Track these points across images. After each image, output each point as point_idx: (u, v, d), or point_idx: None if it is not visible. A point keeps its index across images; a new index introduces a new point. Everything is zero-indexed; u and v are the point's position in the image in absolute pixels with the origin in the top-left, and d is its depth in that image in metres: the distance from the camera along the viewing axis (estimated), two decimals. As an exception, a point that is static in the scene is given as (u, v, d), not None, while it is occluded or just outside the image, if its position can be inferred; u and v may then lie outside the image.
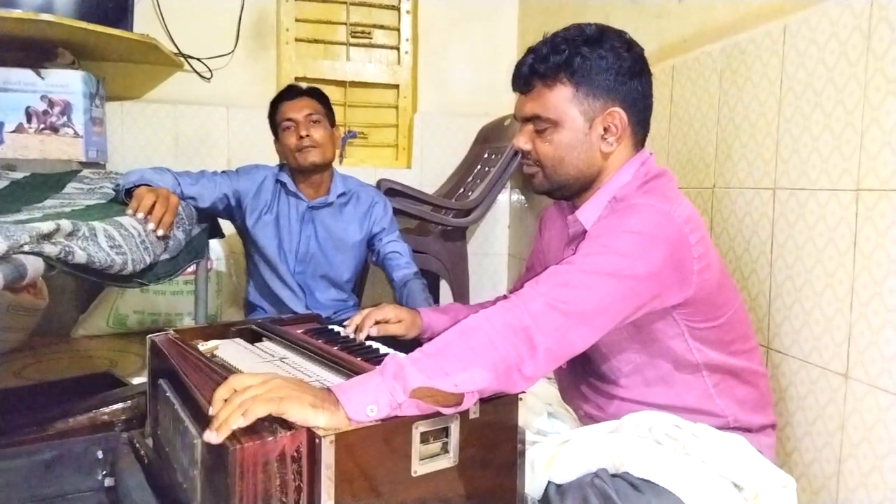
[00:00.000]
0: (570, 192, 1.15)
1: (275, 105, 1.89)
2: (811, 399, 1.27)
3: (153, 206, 1.37)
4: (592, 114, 1.08)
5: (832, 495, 1.22)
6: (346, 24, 2.89)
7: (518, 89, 1.14)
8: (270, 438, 0.75)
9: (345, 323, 1.30)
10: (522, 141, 1.13)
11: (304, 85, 1.95)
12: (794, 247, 1.31)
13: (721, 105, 1.55)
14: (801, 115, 1.30)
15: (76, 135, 2.05)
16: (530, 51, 1.11)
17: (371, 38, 2.94)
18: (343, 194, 1.93)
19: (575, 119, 1.08)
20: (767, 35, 1.40)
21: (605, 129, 1.09)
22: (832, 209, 1.22)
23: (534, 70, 1.09)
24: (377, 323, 1.26)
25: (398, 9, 2.93)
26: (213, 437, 0.75)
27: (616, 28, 1.11)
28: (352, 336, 1.25)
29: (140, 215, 1.33)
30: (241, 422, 0.75)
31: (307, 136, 1.81)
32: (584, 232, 1.10)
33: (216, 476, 0.79)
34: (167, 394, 1.00)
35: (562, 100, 1.08)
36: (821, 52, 1.26)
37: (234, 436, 0.75)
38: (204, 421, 0.81)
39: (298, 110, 1.83)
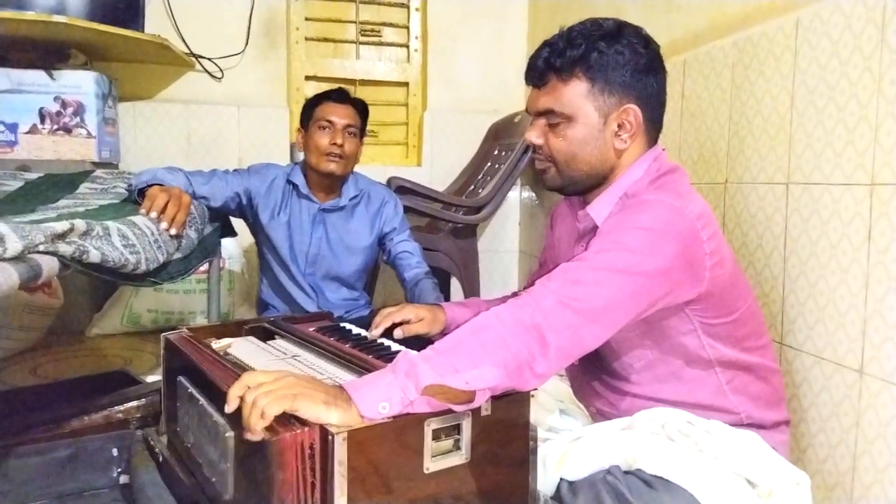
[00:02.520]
0: (582, 188, 1.14)
1: (317, 100, 1.88)
2: (825, 395, 1.26)
3: (166, 205, 1.38)
4: (607, 110, 1.07)
5: (847, 492, 1.21)
6: (355, 22, 2.89)
7: (532, 83, 1.12)
8: (305, 429, 0.76)
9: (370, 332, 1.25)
10: (535, 135, 1.12)
11: (351, 93, 1.91)
12: (807, 242, 1.30)
13: (733, 100, 1.54)
14: (814, 108, 1.29)
15: (89, 135, 2.07)
16: (546, 44, 1.09)
17: (380, 36, 2.94)
18: (355, 196, 1.93)
19: (589, 115, 1.07)
20: (780, 29, 1.39)
21: (620, 126, 1.08)
22: (846, 204, 1.21)
23: (549, 64, 1.08)
24: (400, 324, 1.23)
25: (407, 6, 2.93)
26: (252, 436, 0.77)
27: (633, 24, 1.09)
28: (377, 339, 1.21)
29: (153, 214, 1.34)
30: (261, 423, 0.76)
31: (340, 145, 1.81)
32: (595, 228, 1.10)
33: (252, 467, 0.80)
34: (190, 390, 1.00)
35: (577, 95, 1.07)
36: (834, 46, 1.24)
37: (271, 427, 0.77)
38: (230, 416, 0.82)
39: (341, 116, 1.83)
